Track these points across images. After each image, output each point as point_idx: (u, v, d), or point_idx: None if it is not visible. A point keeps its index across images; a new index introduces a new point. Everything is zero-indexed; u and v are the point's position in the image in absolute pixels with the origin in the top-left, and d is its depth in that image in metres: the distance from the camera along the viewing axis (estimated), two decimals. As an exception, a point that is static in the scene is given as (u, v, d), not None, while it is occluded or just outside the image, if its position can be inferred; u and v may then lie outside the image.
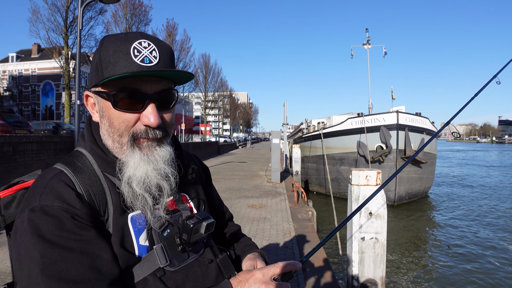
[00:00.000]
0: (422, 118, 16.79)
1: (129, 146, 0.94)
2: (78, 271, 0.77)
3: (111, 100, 0.92)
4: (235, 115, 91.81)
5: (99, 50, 0.94)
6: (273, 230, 7.24)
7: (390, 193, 15.50)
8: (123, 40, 0.92)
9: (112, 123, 0.94)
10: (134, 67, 0.89)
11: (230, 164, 24.11)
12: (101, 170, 0.97)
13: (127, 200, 0.93)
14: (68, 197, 0.85)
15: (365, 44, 25.44)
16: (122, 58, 0.90)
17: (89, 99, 1.01)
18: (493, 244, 10.32)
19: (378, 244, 3.75)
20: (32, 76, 57.49)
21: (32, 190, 0.88)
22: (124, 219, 0.93)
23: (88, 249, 0.81)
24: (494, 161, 45.45)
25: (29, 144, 10.80)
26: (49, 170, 0.94)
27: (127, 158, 0.94)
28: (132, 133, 0.94)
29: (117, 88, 0.91)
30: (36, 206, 0.81)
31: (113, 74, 0.89)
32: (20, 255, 0.78)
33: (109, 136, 0.96)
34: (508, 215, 14.14)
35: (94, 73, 0.96)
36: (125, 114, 0.92)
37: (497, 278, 7.86)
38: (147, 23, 33.19)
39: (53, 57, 29.25)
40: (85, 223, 0.84)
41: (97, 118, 1.01)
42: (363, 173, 3.79)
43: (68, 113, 30.34)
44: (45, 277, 0.74)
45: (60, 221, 0.80)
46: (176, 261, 0.96)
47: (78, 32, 11.39)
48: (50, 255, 0.76)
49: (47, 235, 0.78)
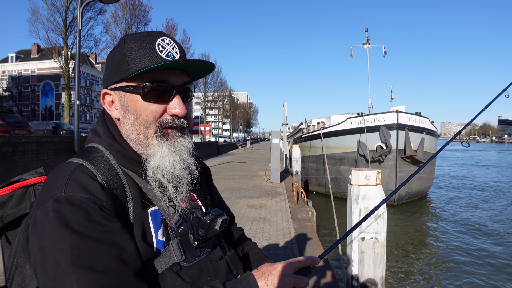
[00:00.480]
0: (422, 118, 16.79)
1: (157, 137, 0.98)
2: (107, 261, 0.77)
3: (140, 92, 0.95)
4: (234, 115, 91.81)
5: (123, 47, 0.97)
6: (273, 230, 7.23)
7: (390, 192, 15.48)
8: (146, 37, 0.97)
9: (139, 115, 0.97)
10: (162, 61, 0.94)
11: (230, 164, 24.10)
12: (119, 165, 0.97)
13: (152, 191, 0.96)
14: (93, 188, 0.85)
15: (365, 43, 25.45)
16: (149, 53, 0.94)
17: (106, 97, 1.03)
18: (493, 244, 10.32)
19: (378, 244, 3.74)
20: (31, 76, 57.51)
21: (52, 182, 0.87)
22: (144, 214, 0.95)
23: (114, 240, 0.81)
24: (494, 161, 45.44)
25: (28, 145, 10.80)
26: (67, 163, 0.93)
27: (154, 149, 0.98)
28: (160, 123, 0.98)
29: (146, 81, 0.95)
30: (62, 197, 0.81)
31: (142, 67, 0.92)
32: (44, 246, 0.77)
33: (134, 129, 0.98)
34: (507, 215, 14.14)
35: (116, 70, 0.98)
36: (153, 105, 0.96)
37: (497, 278, 7.86)
38: (146, 23, 33.17)
39: (52, 57, 29.26)
40: (111, 214, 0.85)
41: (117, 114, 1.02)
42: (362, 173, 3.79)
43: (68, 113, 30.33)
44: (76, 268, 0.74)
45: (87, 212, 0.80)
46: (190, 257, 0.98)
47: (78, 32, 11.39)
48: (80, 245, 0.76)
49: (75, 226, 0.78)
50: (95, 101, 65.23)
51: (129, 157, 0.99)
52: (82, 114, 59.54)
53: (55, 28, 27.21)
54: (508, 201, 17.03)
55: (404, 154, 15.57)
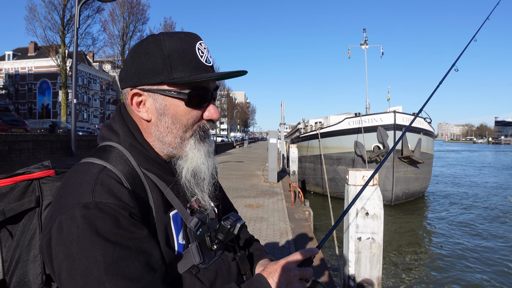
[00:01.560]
0: (419, 118, 16.84)
1: (196, 140, 1.00)
2: (138, 269, 0.78)
3: (184, 98, 0.95)
4: (232, 114, 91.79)
5: (163, 47, 0.94)
6: (270, 229, 7.23)
7: (387, 193, 15.54)
8: (186, 39, 0.96)
9: (179, 119, 0.97)
10: (204, 69, 0.96)
11: (227, 163, 24.08)
12: (140, 167, 0.96)
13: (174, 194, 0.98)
14: (121, 194, 0.84)
15: (362, 44, 25.47)
16: (192, 58, 0.95)
17: (135, 98, 0.98)
18: (489, 244, 10.37)
19: (374, 244, 3.75)
20: (28, 75, 57.26)
21: (76, 186, 0.84)
22: (167, 218, 0.95)
23: (143, 247, 0.82)
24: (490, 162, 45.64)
25: (25, 143, 10.76)
26: (88, 165, 0.90)
27: (191, 152, 1.00)
28: (199, 127, 1.01)
29: (190, 87, 0.96)
30: (90, 203, 0.79)
31: (187, 74, 0.93)
32: (72, 253, 0.75)
33: (171, 132, 0.98)
34: (503, 214, 14.20)
35: (153, 71, 0.94)
36: (194, 110, 0.98)
37: (492, 277, 7.90)
38: (144, 22, 33.22)
39: (50, 56, 29.12)
40: (139, 221, 0.85)
41: (148, 116, 0.99)
42: (360, 173, 3.79)
43: (65, 112, 30.26)
44: (110, 276, 0.74)
45: (117, 219, 0.80)
46: (207, 259, 0.99)
47: (75, 30, 11.33)
48: (112, 253, 0.76)
49: (106, 234, 0.77)
50: (92, 99, 65.09)
51: (151, 159, 0.98)
52: (79, 113, 59.37)
53: (52, 26, 27.18)
54: (503, 202, 17.11)
55: (401, 154, 15.62)
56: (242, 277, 1.11)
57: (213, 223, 1.07)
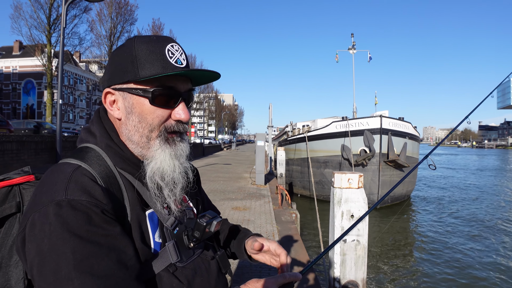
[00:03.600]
0: (405, 123, 17.08)
1: (161, 141, 1.00)
2: (109, 266, 0.78)
3: (148, 96, 0.96)
4: (220, 116, 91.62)
5: (132, 48, 0.97)
6: (257, 232, 7.24)
7: (373, 196, 15.69)
8: (156, 42, 0.98)
9: (145, 118, 0.98)
10: (171, 68, 0.96)
11: (214, 166, 24.02)
12: (116, 167, 0.97)
13: (149, 193, 0.98)
14: (94, 191, 0.85)
15: (350, 49, 25.71)
16: (160, 58, 0.96)
17: (108, 97, 1.02)
18: (473, 244, 10.56)
19: (359, 246, 3.80)
20: (13, 74, 56.30)
21: (51, 184, 0.85)
22: (142, 216, 0.95)
23: (115, 244, 0.82)
24: (474, 165, 46.49)
25: (8, 144, 10.57)
26: (65, 164, 0.92)
27: (155, 152, 0.99)
28: (164, 127, 1.00)
29: (155, 86, 0.96)
30: (63, 201, 0.80)
31: (153, 73, 0.94)
32: (43, 250, 0.76)
33: (137, 131, 0.99)
34: (486, 216, 14.48)
35: (123, 71, 0.97)
36: (160, 109, 0.98)
37: (477, 278, 8.04)
38: (132, 23, 32.90)
39: (35, 55, 28.76)
40: (112, 218, 0.85)
41: (119, 115, 1.01)
42: (345, 176, 3.84)
43: (50, 112, 29.79)
44: (79, 273, 0.74)
45: (89, 216, 0.80)
46: (184, 257, 1.00)
47: (62, 30, 11.21)
48: (82, 250, 0.76)
49: (77, 230, 0.77)
50: (78, 100, 64.26)
51: (127, 159, 0.99)
52: (65, 114, 58.53)
53: (38, 25, 26.80)
54: (488, 203, 17.45)
55: (387, 158, 15.80)
56: (222, 276, 1.12)
57: (191, 222, 1.08)
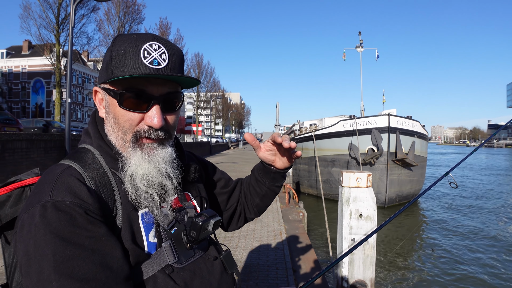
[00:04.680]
0: (413, 121, 16.95)
1: (131, 145, 0.96)
2: (90, 269, 0.77)
3: (117, 99, 0.94)
4: (227, 115, 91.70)
5: (111, 48, 0.95)
6: (264, 231, 7.24)
7: (380, 195, 15.61)
8: (135, 40, 0.93)
9: (117, 120, 0.96)
10: (142, 69, 0.91)
11: (221, 164, 24.05)
12: (109, 167, 0.97)
13: (131, 196, 0.94)
14: (79, 191, 0.84)
15: (358, 47, 25.61)
16: (132, 58, 0.91)
17: (97, 94, 1.03)
18: (481, 245, 10.45)
19: (368, 245, 3.77)
20: (22, 73, 56.81)
21: (41, 186, 0.86)
22: (134, 216, 0.94)
23: (99, 246, 0.81)
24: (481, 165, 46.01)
25: (18, 142, 10.67)
26: (57, 165, 0.93)
27: (129, 155, 0.96)
28: (136, 132, 0.96)
29: (124, 87, 0.93)
30: (48, 202, 0.80)
31: (122, 73, 0.91)
32: (29, 251, 0.76)
33: (113, 132, 0.98)
34: (496, 216, 14.33)
35: (104, 70, 0.97)
36: (130, 113, 0.94)
37: (485, 278, 7.96)
38: (140, 22, 33.07)
39: (44, 54, 28.90)
40: (97, 218, 0.84)
41: (103, 113, 1.02)
42: (353, 175, 3.82)
43: (59, 111, 30.05)
44: (58, 275, 0.73)
45: (73, 217, 0.79)
46: (183, 258, 0.98)
47: (70, 29, 11.28)
48: (62, 252, 0.75)
49: (59, 232, 0.77)
50: (86, 99, 64.69)
51: (116, 158, 0.98)
52: (74, 112, 59.00)
53: (47, 25, 26.96)
54: (497, 204, 17.26)
55: (395, 157, 15.70)
56: (227, 276, 1.08)
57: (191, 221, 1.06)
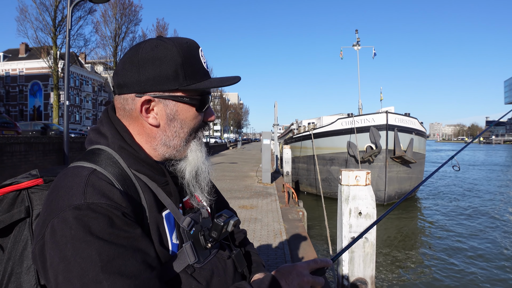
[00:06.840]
0: (411, 119, 16.98)
1: (197, 142, 1.05)
2: (135, 266, 0.77)
3: (195, 104, 0.99)
4: (225, 115, 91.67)
5: (175, 55, 0.94)
6: (264, 230, 7.25)
7: (380, 192, 15.63)
8: (191, 47, 0.99)
9: (188, 124, 1.01)
10: (206, 74, 1.00)
11: (220, 165, 24.05)
12: (131, 169, 0.95)
13: (165, 194, 0.98)
14: (113, 195, 0.83)
15: (355, 45, 25.59)
16: (199, 65, 0.99)
17: (145, 104, 0.96)
18: (480, 242, 10.48)
19: (368, 243, 3.79)
20: (19, 76, 56.71)
21: (67, 189, 0.82)
22: (160, 218, 0.94)
23: (138, 245, 0.81)
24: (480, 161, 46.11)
25: (16, 145, 10.66)
26: (77, 168, 0.89)
27: (194, 153, 1.03)
28: (200, 129, 1.06)
29: (199, 93, 1.00)
30: (82, 205, 0.78)
31: (198, 81, 0.97)
32: (67, 256, 0.74)
33: (178, 136, 1.00)
34: (494, 213, 14.37)
35: (166, 78, 0.94)
36: (200, 114, 1.03)
37: (485, 275, 7.99)
38: (137, 23, 33.12)
39: (41, 57, 28.91)
40: (132, 220, 0.84)
41: (155, 121, 0.97)
42: (352, 174, 3.83)
43: (57, 113, 30.01)
44: (107, 274, 0.73)
45: (110, 218, 0.79)
46: (202, 258, 0.99)
47: (67, 31, 11.29)
48: (107, 252, 0.75)
49: (100, 233, 0.76)
50: (84, 101, 64.64)
51: (141, 160, 0.97)
52: (72, 115, 58.89)
53: (44, 27, 26.96)
54: (495, 200, 17.30)
55: (394, 154, 15.73)
56: (238, 275, 1.10)
57: (206, 221, 1.07)
